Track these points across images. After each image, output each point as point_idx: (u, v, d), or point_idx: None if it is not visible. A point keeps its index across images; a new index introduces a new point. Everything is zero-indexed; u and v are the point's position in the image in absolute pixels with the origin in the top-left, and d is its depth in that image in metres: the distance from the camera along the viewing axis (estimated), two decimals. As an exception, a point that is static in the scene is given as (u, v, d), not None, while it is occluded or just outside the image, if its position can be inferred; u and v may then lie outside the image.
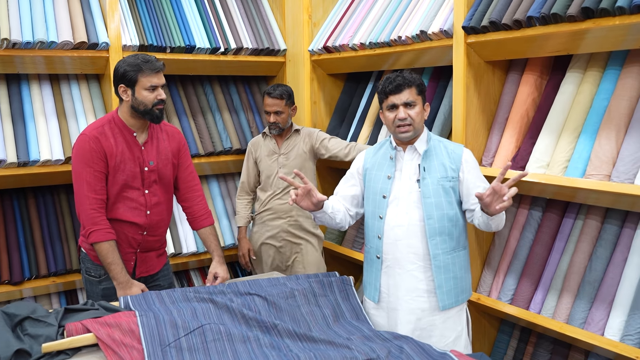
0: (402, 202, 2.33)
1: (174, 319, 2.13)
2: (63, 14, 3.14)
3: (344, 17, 3.59)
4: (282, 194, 3.33)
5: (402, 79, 2.30)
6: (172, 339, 2.06)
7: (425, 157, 2.33)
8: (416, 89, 2.31)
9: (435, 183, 2.29)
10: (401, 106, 2.29)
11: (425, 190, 2.29)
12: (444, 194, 2.29)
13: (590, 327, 2.42)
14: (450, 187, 2.30)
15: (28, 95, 3.25)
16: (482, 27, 2.57)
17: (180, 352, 2.03)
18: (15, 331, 2.10)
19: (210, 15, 3.70)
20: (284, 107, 3.27)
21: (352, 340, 2.15)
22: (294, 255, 3.37)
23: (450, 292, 2.31)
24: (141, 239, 2.68)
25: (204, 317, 2.20)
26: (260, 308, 2.30)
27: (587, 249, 2.54)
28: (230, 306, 2.25)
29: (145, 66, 2.49)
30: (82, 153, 2.51)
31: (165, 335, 2.07)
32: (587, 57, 2.57)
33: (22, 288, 3.19)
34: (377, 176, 2.41)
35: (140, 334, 2.08)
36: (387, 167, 2.39)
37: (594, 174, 2.32)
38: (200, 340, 2.07)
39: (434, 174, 2.30)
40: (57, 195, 3.47)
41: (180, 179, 2.78)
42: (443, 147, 2.36)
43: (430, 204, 2.29)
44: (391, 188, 2.36)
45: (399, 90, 2.29)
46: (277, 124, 3.28)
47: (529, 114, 2.73)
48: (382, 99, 2.36)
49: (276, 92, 3.26)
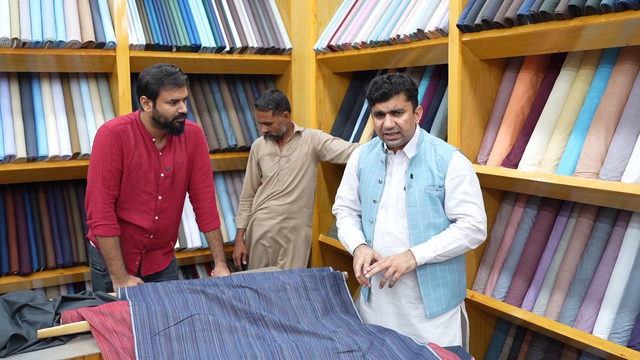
0: (390, 208, 2.29)
1: (165, 309, 2.20)
2: (72, 14, 3.24)
3: (348, 15, 3.63)
4: (280, 195, 3.38)
5: (388, 85, 2.18)
6: (162, 327, 2.13)
7: (413, 164, 2.25)
8: (405, 95, 2.20)
9: (422, 191, 2.22)
10: (388, 114, 2.19)
11: (411, 198, 2.23)
12: (430, 203, 2.22)
13: (579, 325, 2.42)
14: (437, 195, 2.23)
15: (39, 93, 3.37)
16: (476, 25, 2.59)
17: (169, 340, 2.10)
18: (14, 318, 2.19)
19: (217, 14, 3.78)
20: (272, 118, 3.27)
21: (337, 332, 2.19)
22: (280, 256, 3.44)
23: (440, 300, 2.27)
24: (147, 242, 2.70)
25: (194, 308, 2.26)
26: (251, 300, 2.35)
27: (579, 247, 2.53)
28: (220, 297, 2.31)
29: (167, 80, 2.46)
30: (102, 146, 2.51)
31: (155, 324, 2.14)
32: (581, 55, 2.57)
33: (31, 279, 3.30)
34: (369, 178, 2.37)
35: (132, 322, 2.15)
36: (379, 170, 2.34)
37: (583, 172, 2.33)
38: (189, 330, 2.14)
39: (421, 181, 2.23)
40: (66, 190, 3.58)
41: (192, 180, 2.77)
42: (434, 151, 2.25)
43: (415, 212, 2.23)
44: (381, 193, 2.31)
45: (385, 98, 2.18)
46: (270, 133, 3.33)
47: (524, 112, 2.74)
48: (370, 104, 2.27)
49: (262, 104, 3.25)
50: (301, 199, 3.40)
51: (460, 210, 2.22)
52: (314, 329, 2.22)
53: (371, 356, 2.00)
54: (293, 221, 3.40)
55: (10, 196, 3.43)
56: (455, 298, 2.33)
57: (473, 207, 2.22)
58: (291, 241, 3.42)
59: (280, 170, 3.36)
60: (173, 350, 2.07)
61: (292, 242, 3.43)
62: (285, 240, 3.41)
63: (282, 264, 3.43)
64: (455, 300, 2.33)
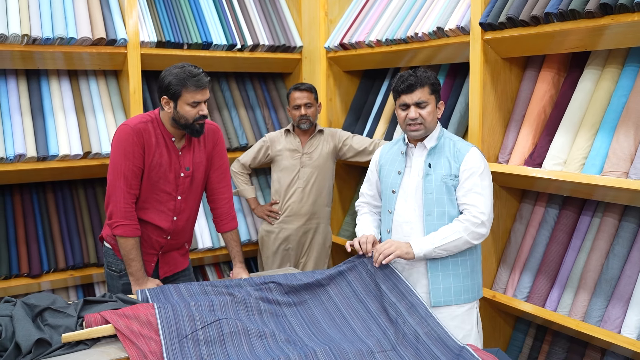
0: (409, 198, 2.35)
1: (192, 311, 2.15)
2: (82, 11, 3.18)
3: (360, 13, 3.59)
4: (301, 193, 3.34)
5: (414, 78, 2.30)
6: (189, 331, 2.08)
7: (431, 154, 2.33)
8: (429, 88, 2.31)
9: (438, 180, 2.29)
10: (412, 106, 2.30)
11: (428, 186, 2.30)
12: (446, 192, 2.28)
13: (606, 325, 2.41)
14: (453, 185, 2.29)
15: (47, 91, 3.30)
16: (499, 23, 2.57)
17: (197, 344, 2.05)
18: (35, 321, 2.14)
19: (227, 11, 3.73)
20: (313, 100, 3.31)
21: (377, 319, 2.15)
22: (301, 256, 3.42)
23: (448, 290, 2.30)
24: (164, 242, 2.65)
25: (220, 311, 2.22)
26: (277, 294, 2.31)
27: (604, 246, 2.52)
28: (247, 300, 2.27)
29: (190, 82, 2.41)
30: (123, 145, 2.45)
31: (182, 327, 2.09)
32: (605, 54, 2.56)
33: (40, 281, 3.24)
34: (389, 171, 2.45)
35: (159, 325, 2.10)
36: (399, 162, 2.42)
37: (612, 171, 2.31)
38: (217, 333, 2.09)
39: (439, 170, 2.30)
40: (75, 190, 3.51)
41: (210, 179, 2.72)
42: (452, 145, 2.34)
43: (430, 199, 2.29)
44: (400, 183, 2.38)
45: (410, 90, 2.29)
46: (308, 117, 3.29)
47: (546, 111, 2.72)
48: (395, 96, 2.38)
49: (305, 86, 3.31)
50: (322, 198, 3.37)
51: (466, 200, 2.27)
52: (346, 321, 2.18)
53: (407, 354, 1.97)
54: (315, 221, 3.39)
55: (19, 196, 3.36)
56: (466, 293, 2.33)
57: (480, 199, 2.25)
58: (313, 239, 3.40)
59: (302, 167, 3.33)
60: (202, 355, 2.02)
61: (314, 241, 3.41)
62: (309, 239, 3.39)
63: (303, 262, 3.40)
64: (466, 295, 2.33)
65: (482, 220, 2.23)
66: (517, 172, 2.63)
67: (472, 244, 2.27)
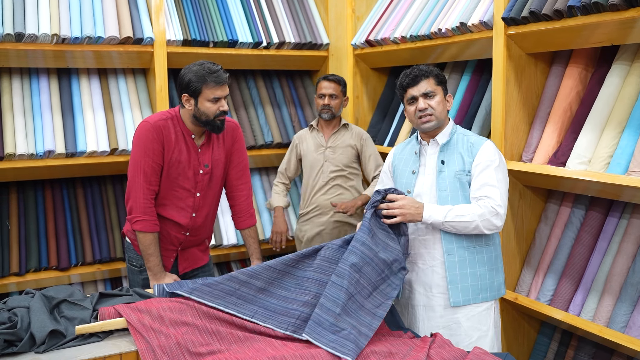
0: (425, 198, 2.32)
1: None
2: (110, 10, 3.25)
3: (387, 10, 3.55)
4: (327, 187, 3.32)
5: (417, 70, 2.31)
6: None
7: (444, 150, 2.31)
8: (434, 80, 2.31)
9: (452, 176, 2.27)
10: (420, 97, 2.30)
11: (442, 183, 2.28)
12: (460, 188, 2.26)
13: (631, 331, 2.31)
14: (467, 181, 2.26)
15: (77, 89, 3.38)
16: (523, 17, 2.49)
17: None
18: (52, 313, 2.19)
19: (254, 9, 3.74)
20: (339, 92, 3.29)
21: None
22: None
23: (467, 289, 2.26)
24: (183, 239, 2.68)
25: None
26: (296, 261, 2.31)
27: (632, 249, 2.42)
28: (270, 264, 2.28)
29: (210, 78, 2.44)
30: (144, 142, 2.49)
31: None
32: (635, 48, 2.45)
33: (69, 274, 3.32)
34: (403, 171, 2.42)
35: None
36: (413, 162, 2.40)
37: (637, 171, 2.21)
38: None
39: (452, 167, 2.28)
40: (104, 185, 3.60)
41: (229, 176, 2.74)
42: (465, 140, 2.32)
43: (445, 197, 2.26)
44: (415, 183, 2.36)
45: (416, 82, 2.30)
46: (330, 107, 3.28)
47: (572, 108, 2.63)
48: (401, 94, 2.37)
49: (333, 77, 3.30)
50: (346, 191, 3.34)
51: (481, 193, 2.23)
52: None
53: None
54: (342, 214, 3.33)
55: (50, 191, 3.46)
56: (484, 292, 2.28)
57: (495, 191, 2.21)
58: (346, 232, 3.36)
59: (325, 162, 3.31)
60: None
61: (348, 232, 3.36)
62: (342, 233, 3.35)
63: None
64: (484, 294, 2.28)
65: (498, 212, 2.20)
66: (540, 171, 2.55)
67: (483, 232, 2.22)
